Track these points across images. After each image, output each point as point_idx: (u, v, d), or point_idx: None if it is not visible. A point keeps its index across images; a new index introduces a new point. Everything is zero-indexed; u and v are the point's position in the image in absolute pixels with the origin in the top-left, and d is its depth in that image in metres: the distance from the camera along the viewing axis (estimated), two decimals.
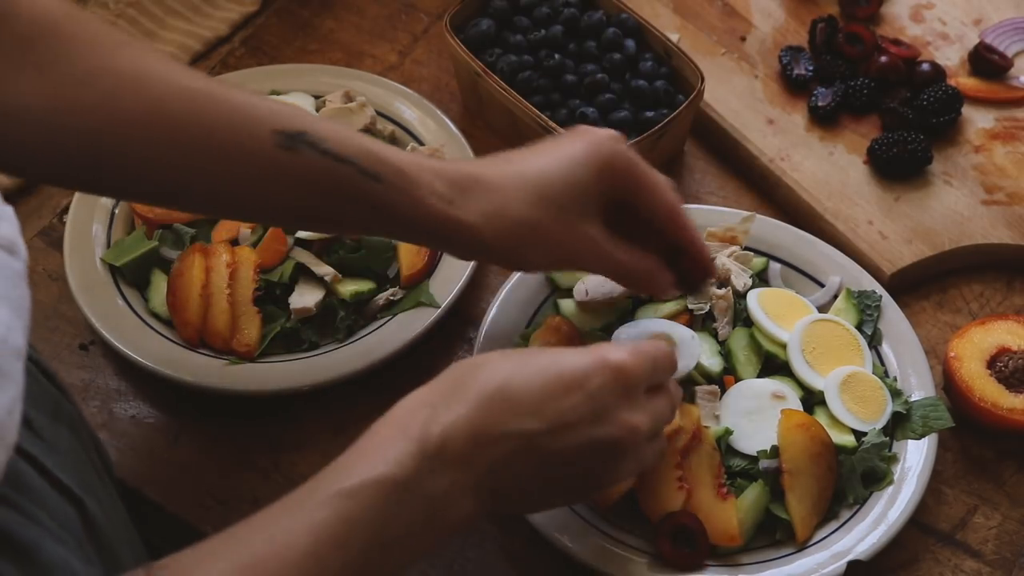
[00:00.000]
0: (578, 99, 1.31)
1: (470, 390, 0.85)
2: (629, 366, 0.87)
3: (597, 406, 0.86)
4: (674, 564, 1.05)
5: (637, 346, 0.90)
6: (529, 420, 0.84)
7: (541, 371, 0.86)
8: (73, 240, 1.24)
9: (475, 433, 0.83)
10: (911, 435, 1.12)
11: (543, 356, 0.89)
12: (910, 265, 1.26)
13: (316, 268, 1.21)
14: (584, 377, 0.86)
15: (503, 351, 0.90)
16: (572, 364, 0.87)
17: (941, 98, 1.35)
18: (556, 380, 0.86)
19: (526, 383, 0.85)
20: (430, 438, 0.82)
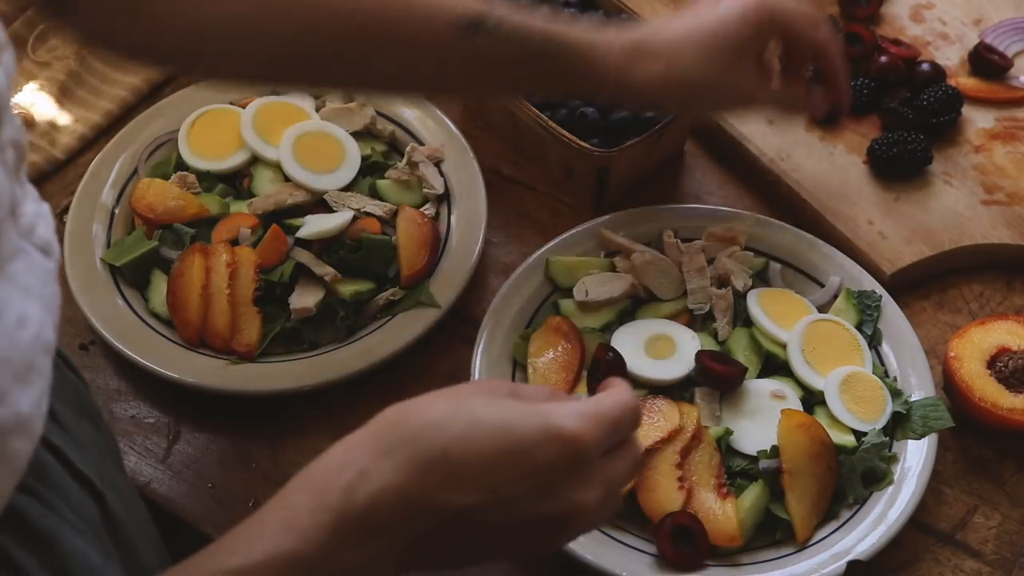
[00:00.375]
0: (578, 99, 1.31)
1: (407, 452, 0.75)
2: (583, 438, 0.77)
3: (544, 481, 0.77)
4: (674, 564, 1.05)
5: (597, 408, 0.80)
6: (468, 494, 0.75)
7: (488, 439, 0.76)
8: (73, 240, 1.24)
9: (406, 503, 0.75)
10: (911, 435, 1.12)
11: (492, 418, 0.77)
12: (910, 265, 1.26)
13: (316, 268, 1.21)
14: (532, 449, 0.76)
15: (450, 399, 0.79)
16: (522, 433, 0.77)
17: (941, 98, 1.35)
18: (502, 451, 0.76)
19: (470, 452, 0.76)
20: (352, 507, 0.74)
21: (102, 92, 1.43)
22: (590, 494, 0.78)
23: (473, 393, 0.80)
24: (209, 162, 1.29)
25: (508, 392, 0.80)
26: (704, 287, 1.20)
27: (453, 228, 1.27)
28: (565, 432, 0.77)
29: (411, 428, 0.77)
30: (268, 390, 1.16)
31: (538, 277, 1.22)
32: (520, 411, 0.78)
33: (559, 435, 0.76)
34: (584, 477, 0.78)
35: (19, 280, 0.69)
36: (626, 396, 0.82)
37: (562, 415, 0.78)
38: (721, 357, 1.14)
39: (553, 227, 1.28)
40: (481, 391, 0.81)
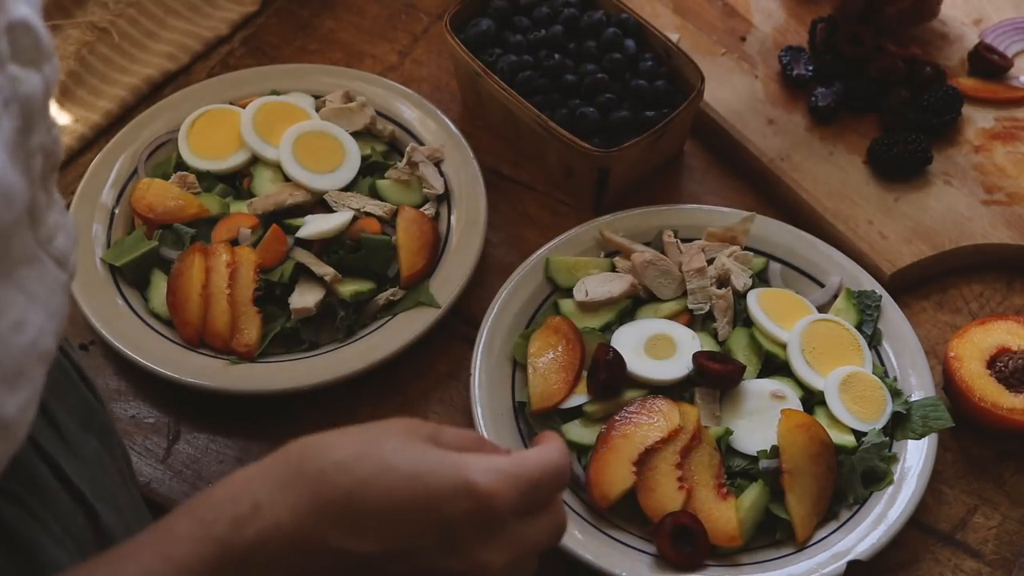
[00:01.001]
0: (578, 99, 1.31)
1: (307, 491, 0.71)
2: (497, 497, 0.73)
3: (449, 537, 0.73)
4: (674, 564, 1.05)
5: (518, 467, 0.75)
6: (368, 541, 0.71)
7: (396, 486, 0.72)
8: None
9: (298, 543, 0.71)
10: (911, 435, 1.12)
11: (403, 464, 0.73)
12: (910, 265, 1.26)
13: (316, 268, 1.21)
14: (441, 502, 0.72)
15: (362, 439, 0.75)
16: (433, 483, 0.72)
17: (941, 98, 1.35)
18: (409, 500, 0.72)
19: (375, 498, 0.71)
20: (238, 542, 0.70)
21: (102, 92, 1.43)
22: (496, 556, 0.74)
23: (388, 435, 0.76)
24: (209, 162, 1.29)
25: (427, 436, 0.76)
26: (704, 287, 1.20)
27: (453, 228, 1.27)
28: (478, 489, 0.73)
29: (315, 466, 0.72)
30: (268, 390, 1.16)
31: (538, 277, 1.22)
32: (434, 460, 0.74)
33: (471, 491, 0.73)
34: (492, 537, 0.74)
35: (26, 285, 0.68)
36: (553, 456, 0.77)
37: (478, 470, 0.73)
38: (719, 356, 1.14)
39: (553, 227, 1.28)
40: (397, 433, 0.76)
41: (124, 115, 1.41)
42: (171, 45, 1.47)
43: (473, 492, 0.72)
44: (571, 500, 1.09)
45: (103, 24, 1.48)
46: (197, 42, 1.47)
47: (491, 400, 1.13)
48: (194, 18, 1.50)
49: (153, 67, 1.45)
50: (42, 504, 0.79)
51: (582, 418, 1.13)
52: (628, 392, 1.13)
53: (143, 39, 1.48)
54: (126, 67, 1.45)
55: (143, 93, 1.43)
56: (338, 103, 1.34)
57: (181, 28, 1.49)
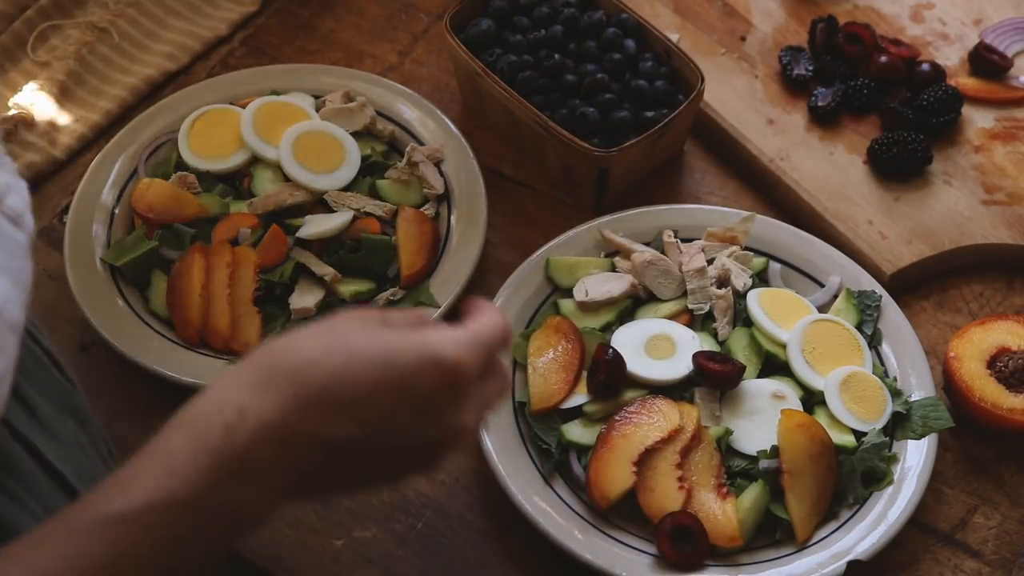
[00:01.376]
0: (578, 99, 1.31)
1: (286, 388, 0.74)
2: (463, 364, 0.78)
3: (425, 409, 0.77)
4: (674, 564, 1.05)
5: (474, 333, 0.80)
6: (349, 425, 0.75)
7: (368, 371, 0.76)
8: (73, 240, 1.24)
9: (288, 439, 0.74)
10: (911, 435, 1.12)
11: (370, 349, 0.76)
12: (910, 265, 1.26)
13: (316, 268, 1.21)
14: (413, 377, 0.76)
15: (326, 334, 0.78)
16: (402, 363, 0.76)
17: (941, 98, 1.35)
18: (383, 381, 0.76)
19: (351, 385, 0.75)
20: (233, 448, 0.73)
21: (102, 92, 1.43)
22: (468, 418, 0.79)
23: (347, 327, 0.79)
24: (209, 162, 1.29)
25: (379, 320, 0.80)
26: (704, 287, 1.20)
27: (453, 228, 1.27)
28: (445, 359, 0.77)
29: (289, 365, 0.75)
30: None
31: (538, 277, 1.22)
32: (398, 340, 0.77)
33: (439, 363, 0.76)
34: (463, 401, 0.79)
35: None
36: (496, 318, 0.82)
37: (440, 342, 0.77)
38: (718, 356, 1.14)
39: (553, 227, 1.28)
40: (353, 322, 0.80)
41: (124, 115, 1.41)
42: (171, 45, 1.47)
43: (441, 364, 0.76)
44: (571, 500, 1.09)
45: (103, 24, 1.48)
46: (197, 42, 1.47)
47: None
48: (194, 18, 1.50)
49: (153, 67, 1.45)
50: (21, 486, 0.79)
51: (582, 418, 1.13)
52: (628, 392, 1.13)
53: (143, 39, 1.48)
54: (126, 67, 1.45)
55: (143, 93, 1.43)
56: (338, 103, 1.34)
57: (181, 28, 1.49)
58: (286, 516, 1.11)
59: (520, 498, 1.07)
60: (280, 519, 1.11)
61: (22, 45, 1.46)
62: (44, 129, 1.39)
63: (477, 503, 1.13)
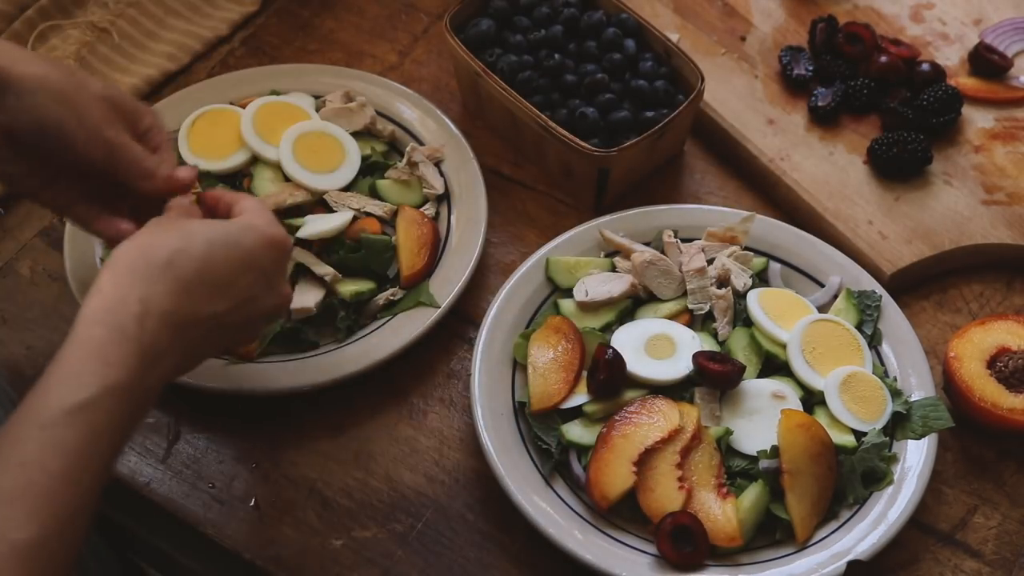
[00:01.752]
0: (578, 99, 1.31)
1: (169, 278, 0.88)
2: (288, 241, 0.99)
3: (269, 280, 0.96)
4: (674, 564, 1.05)
5: (266, 210, 1.00)
6: (223, 301, 0.92)
7: (226, 254, 0.92)
8: (73, 240, 1.24)
9: (180, 322, 0.88)
10: (911, 435, 1.12)
11: (221, 236, 0.93)
12: (910, 265, 1.26)
13: (316, 268, 1.21)
14: (259, 256, 0.95)
15: (176, 230, 0.93)
16: (251, 244, 0.94)
17: (941, 98, 1.35)
18: (239, 261, 0.93)
19: (217, 268, 0.91)
20: (146, 335, 0.85)
21: None
22: (287, 285, 1.02)
23: (180, 219, 0.96)
24: (209, 162, 1.29)
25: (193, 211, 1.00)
26: (704, 287, 1.20)
27: (453, 228, 1.27)
28: (276, 237, 0.97)
29: (163, 257, 0.89)
30: (268, 390, 1.16)
31: (538, 277, 1.22)
32: (237, 227, 0.95)
33: (273, 240, 0.96)
34: (283, 272, 1.01)
35: None
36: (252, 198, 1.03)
37: (265, 223, 0.97)
38: (718, 356, 1.14)
39: (553, 227, 1.28)
40: (180, 217, 0.98)
41: None
42: (171, 45, 1.47)
43: (274, 241, 0.97)
44: (571, 500, 1.09)
45: (103, 24, 1.48)
46: (197, 42, 1.47)
47: (491, 400, 1.13)
48: (194, 18, 1.50)
49: (153, 67, 1.45)
50: None
51: (582, 418, 1.13)
52: (628, 392, 1.13)
53: (143, 39, 1.48)
54: (126, 67, 1.45)
55: (143, 93, 1.43)
56: (338, 103, 1.34)
57: (181, 28, 1.49)
58: (286, 516, 1.11)
59: (520, 498, 1.07)
60: (280, 519, 1.11)
61: (22, 45, 1.46)
62: None
63: (477, 503, 1.13)
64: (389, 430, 1.17)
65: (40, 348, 1.21)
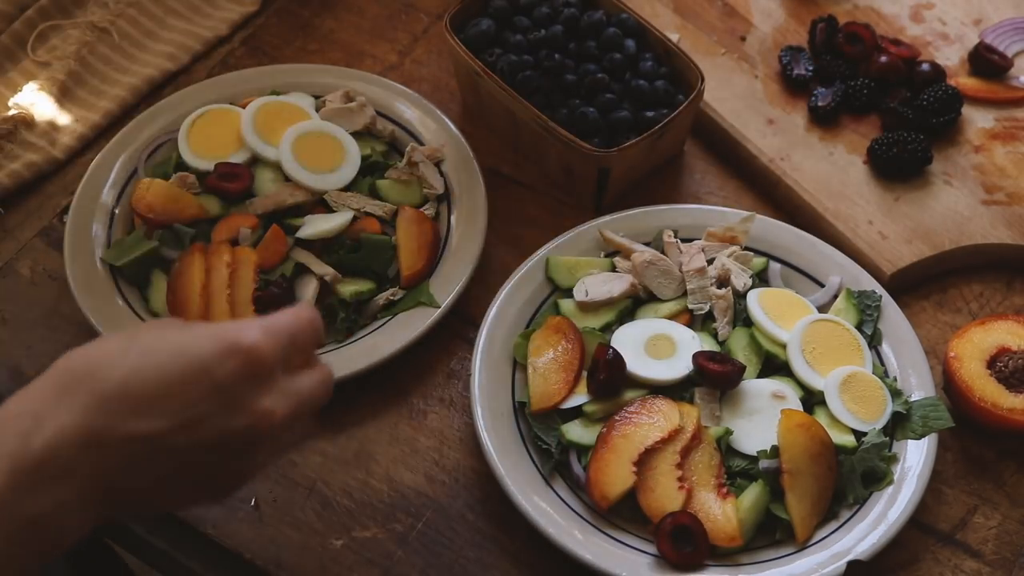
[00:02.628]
0: (578, 99, 1.31)
1: (84, 391, 0.75)
2: (261, 348, 0.78)
3: (227, 396, 0.77)
4: (674, 564, 1.05)
5: (273, 322, 0.81)
6: (154, 420, 0.75)
7: (166, 363, 0.77)
8: (73, 240, 1.24)
9: (89, 441, 0.74)
10: (911, 435, 1.12)
11: (167, 342, 0.78)
12: (910, 265, 1.26)
13: (316, 268, 1.21)
14: (212, 365, 0.77)
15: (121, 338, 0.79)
16: (198, 352, 0.77)
17: (941, 98, 1.35)
18: (181, 372, 0.76)
19: (150, 379, 0.76)
20: (29, 453, 0.72)
21: (102, 92, 1.43)
22: (277, 402, 0.79)
23: (145, 329, 0.81)
24: (209, 162, 1.29)
25: (179, 325, 0.82)
26: (704, 287, 1.20)
27: (453, 228, 1.27)
28: (242, 343, 0.78)
29: (84, 368, 0.76)
30: None
31: (538, 277, 1.22)
32: (194, 333, 0.79)
33: (236, 347, 0.78)
34: (266, 386, 0.79)
35: None
36: (304, 311, 0.83)
37: (237, 329, 0.79)
38: (718, 356, 1.14)
39: (553, 227, 1.28)
40: (152, 326, 0.82)
41: (124, 115, 1.41)
42: (171, 45, 1.47)
43: (238, 349, 0.78)
44: (571, 500, 1.09)
45: (103, 24, 1.48)
46: (197, 42, 1.47)
47: (491, 400, 1.13)
48: (194, 18, 1.50)
49: (153, 67, 1.45)
50: None
51: (582, 418, 1.13)
52: (628, 392, 1.13)
53: (143, 39, 1.48)
54: (126, 67, 1.45)
55: (143, 93, 1.43)
56: (338, 103, 1.34)
57: (181, 28, 1.49)
58: (286, 516, 1.11)
59: (520, 498, 1.07)
60: (280, 519, 1.11)
61: (22, 45, 1.46)
62: (44, 129, 1.39)
63: (477, 503, 1.13)
64: (389, 430, 1.17)
65: (40, 348, 1.21)
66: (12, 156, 1.36)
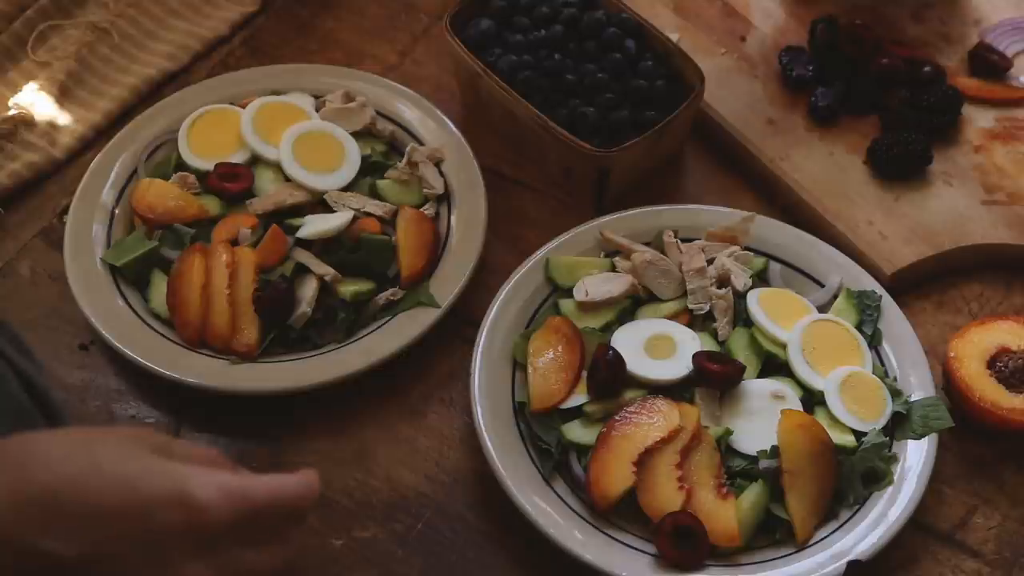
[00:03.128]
0: (578, 99, 1.31)
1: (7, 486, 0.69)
2: (210, 511, 0.71)
3: (154, 547, 0.71)
4: (674, 564, 1.05)
5: (244, 486, 0.74)
6: (67, 544, 0.69)
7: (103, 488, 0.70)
8: (73, 240, 1.24)
9: None
10: (911, 435, 1.12)
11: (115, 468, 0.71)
12: (910, 265, 1.26)
13: (316, 268, 1.21)
14: (152, 509, 0.70)
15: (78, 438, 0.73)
16: (147, 490, 0.71)
17: (941, 98, 1.35)
18: (117, 504, 0.70)
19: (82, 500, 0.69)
20: None
21: (102, 92, 1.43)
22: (202, 571, 0.72)
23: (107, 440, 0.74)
24: (209, 162, 1.29)
25: (155, 446, 0.74)
26: (704, 287, 1.20)
27: (453, 228, 1.27)
28: (192, 500, 0.71)
29: (16, 460, 0.70)
30: (268, 390, 1.16)
31: (538, 277, 1.22)
32: (153, 468, 0.72)
33: (184, 501, 0.71)
34: (201, 554, 0.72)
35: None
36: (289, 486, 0.75)
37: (199, 482, 0.72)
38: (718, 357, 1.14)
39: (553, 227, 1.28)
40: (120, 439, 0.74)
41: (124, 115, 1.41)
42: (171, 45, 1.47)
43: (186, 503, 0.71)
44: (571, 500, 1.09)
45: (103, 24, 1.48)
46: (197, 42, 1.47)
47: (491, 400, 1.13)
48: (194, 18, 1.50)
49: (153, 67, 1.45)
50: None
51: (582, 418, 1.13)
52: (628, 392, 1.13)
53: (143, 39, 1.48)
54: (126, 67, 1.45)
55: (143, 93, 1.43)
56: (338, 103, 1.34)
57: (181, 28, 1.49)
58: None
59: (520, 498, 1.07)
60: None
61: (22, 45, 1.46)
62: (44, 129, 1.39)
63: (477, 503, 1.13)
64: (389, 430, 1.17)
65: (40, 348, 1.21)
66: (12, 156, 1.36)
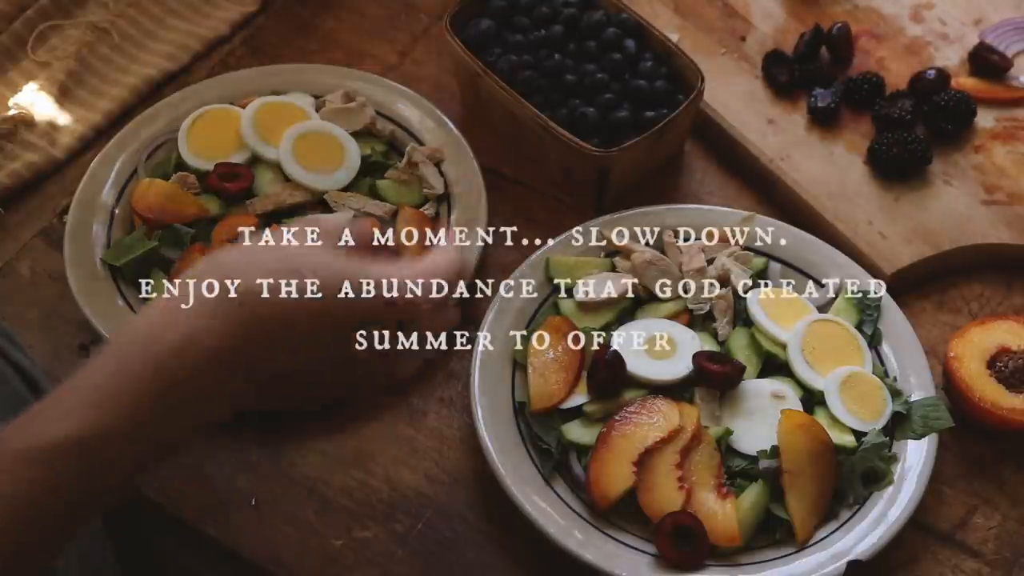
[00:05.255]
0: (578, 99, 1.31)
1: (235, 317, 0.76)
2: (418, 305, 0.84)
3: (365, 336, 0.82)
4: (674, 564, 1.05)
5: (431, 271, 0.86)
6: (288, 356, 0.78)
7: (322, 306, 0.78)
8: (73, 240, 1.24)
9: (227, 367, 0.76)
10: (911, 435, 1.12)
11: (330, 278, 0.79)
12: (910, 265, 1.26)
13: None
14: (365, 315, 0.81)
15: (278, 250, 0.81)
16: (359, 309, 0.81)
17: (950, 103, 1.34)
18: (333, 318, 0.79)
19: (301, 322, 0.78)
20: (181, 370, 0.74)
21: (102, 92, 1.43)
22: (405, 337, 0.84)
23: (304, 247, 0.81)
24: (209, 162, 1.29)
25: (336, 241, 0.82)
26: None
27: (453, 228, 1.27)
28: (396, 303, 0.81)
29: (240, 290, 0.76)
30: None
31: (538, 277, 1.22)
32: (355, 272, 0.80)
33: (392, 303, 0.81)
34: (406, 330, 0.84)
35: None
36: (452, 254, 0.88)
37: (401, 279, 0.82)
38: (718, 357, 1.14)
39: (553, 227, 1.28)
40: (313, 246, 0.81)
41: (124, 115, 1.41)
42: (171, 45, 1.47)
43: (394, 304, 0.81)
44: (571, 500, 1.09)
45: (103, 24, 1.48)
46: (197, 42, 1.47)
47: (491, 400, 1.13)
48: (194, 18, 1.50)
49: (153, 67, 1.45)
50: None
51: (582, 418, 1.13)
52: (628, 392, 1.13)
53: (143, 39, 1.48)
54: (126, 67, 1.45)
55: (143, 93, 1.43)
56: (338, 103, 1.34)
57: (181, 28, 1.49)
58: (286, 516, 1.11)
59: (520, 498, 1.07)
60: (280, 519, 1.11)
61: (22, 45, 1.46)
62: (44, 129, 1.39)
63: (477, 503, 1.13)
64: (389, 430, 1.17)
65: (40, 348, 1.21)
66: (12, 156, 1.36)
